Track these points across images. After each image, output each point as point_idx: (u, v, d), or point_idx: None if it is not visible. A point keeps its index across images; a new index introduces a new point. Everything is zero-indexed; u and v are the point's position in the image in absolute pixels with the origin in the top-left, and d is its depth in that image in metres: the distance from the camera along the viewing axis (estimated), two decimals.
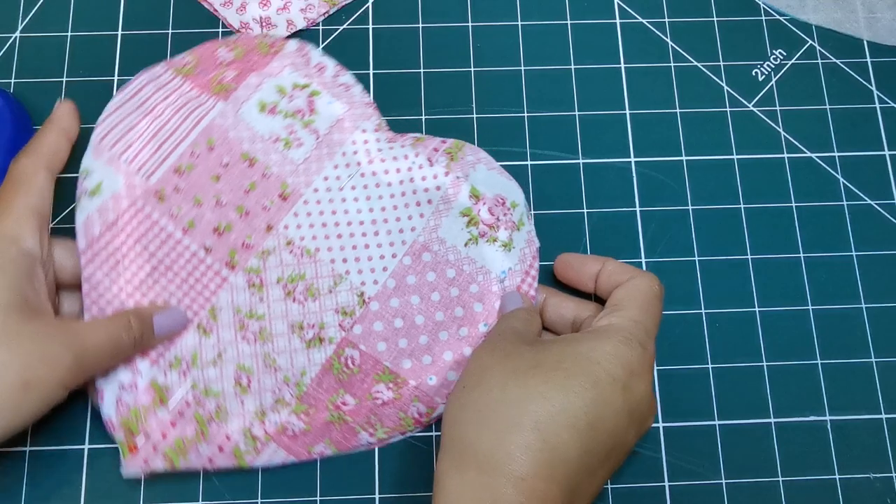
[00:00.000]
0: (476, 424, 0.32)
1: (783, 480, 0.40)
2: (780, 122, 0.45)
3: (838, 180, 0.45)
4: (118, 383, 0.37)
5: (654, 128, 0.45)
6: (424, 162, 0.42)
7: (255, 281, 0.40)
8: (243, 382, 0.39)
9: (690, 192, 0.44)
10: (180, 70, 0.42)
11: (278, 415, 0.39)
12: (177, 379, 0.38)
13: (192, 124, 0.41)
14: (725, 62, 0.46)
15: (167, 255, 0.39)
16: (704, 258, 0.43)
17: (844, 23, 0.48)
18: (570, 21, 0.47)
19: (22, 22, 0.46)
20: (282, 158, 0.41)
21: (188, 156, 0.41)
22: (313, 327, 0.40)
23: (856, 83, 0.46)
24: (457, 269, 0.41)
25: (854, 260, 0.43)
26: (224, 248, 0.40)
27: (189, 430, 0.38)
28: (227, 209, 0.40)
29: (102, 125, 0.40)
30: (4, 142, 0.41)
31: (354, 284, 0.40)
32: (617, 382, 0.32)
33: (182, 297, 0.39)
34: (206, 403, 0.38)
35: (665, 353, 0.41)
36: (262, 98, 0.42)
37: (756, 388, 0.41)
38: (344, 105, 0.43)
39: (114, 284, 0.38)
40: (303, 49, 0.43)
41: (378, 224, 0.41)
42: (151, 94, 0.41)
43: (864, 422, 0.41)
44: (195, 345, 0.39)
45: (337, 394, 0.39)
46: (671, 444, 0.40)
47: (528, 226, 0.41)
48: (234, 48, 0.43)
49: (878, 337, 0.42)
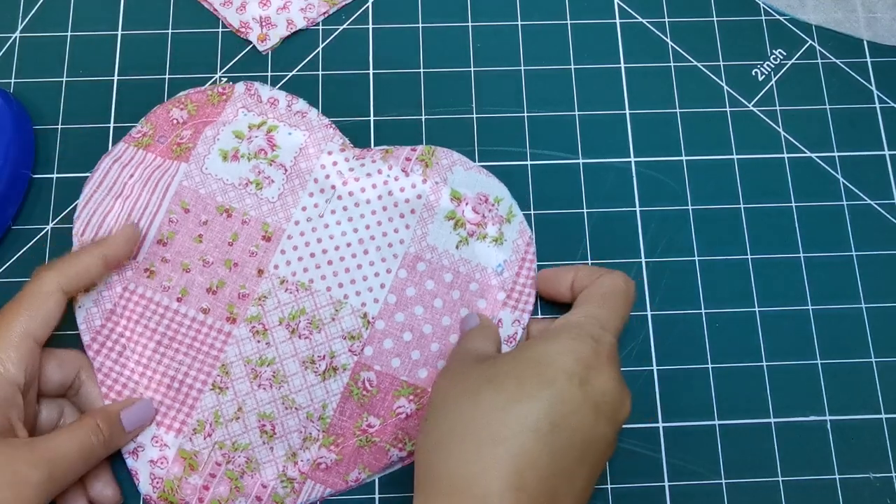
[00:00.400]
0: (438, 451, 0.31)
1: (783, 480, 0.40)
2: (780, 122, 0.45)
3: (838, 180, 0.45)
4: (149, 461, 0.38)
5: (654, 128, 0.45)
6: (399, 173, 0.42)
7: (258, 328, 0.40)
8: (268, 429, 0.39)
9: (690, 192, 0.44)
10: (140, 143, 0.42)
11: (308, 452, 0.39)
12: (202, 442, 0.39)
13: (161, 193, 0.41)
14: (725, 62, 0.46)
15: (168, 327, 0.40)
16: (704, 258, 0.43)
17: (844, 23, 0.48)
18: (570, 21, 0.47)
19: (22, 22, 0.46)
20: (256, 200, 0.42)
21: (167, 224, 0.41)
22: (324, 359, 0.40)
23: (856, 83, 0.46)
24: (453, 273, 0.41)
25: (854, 260, 0.43)
26: (221, 305, 0.40)
27: (223, 488, 0.38)
28: (215, 267, 0.41)
29: (80, 220, 0.41)
30: (4, 142, 0.41)
31: (356, 307, 0.40)
32: (573, 378, 0.31)
33: (191, 363, 0.39)
34: (235, 459, 0.38)
35: (665, 353, 0.41)
36: (221, 147, 0.42)
37: (756, 388, 0.41)
38: (303, 132, 0.43)
39: (125, 369, 0.39)
40: (251, 88, 0.43)
41: (366, 243, 0.41)
42: (118, 176, 0.41)
43: (864, 422, 0.41)
44: (214, 405, 0.39)
45: (361, 418, 0.39)
46: (671, 444, 0.40)
47: (518, 216, 0.42)
48: (185, 106, 0.43)
49: (878, 337, 0.42)
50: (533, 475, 0.30)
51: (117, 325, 0.39)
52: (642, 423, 0.40)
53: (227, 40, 0.46)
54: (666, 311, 0.42)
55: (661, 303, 0.42)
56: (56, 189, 0.43)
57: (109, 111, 0.44)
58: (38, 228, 0.42)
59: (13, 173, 0.41)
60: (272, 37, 0.46)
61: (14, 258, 0.42)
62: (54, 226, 0.42)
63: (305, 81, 0.45)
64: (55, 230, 0.42)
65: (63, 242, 0.42)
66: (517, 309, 0.40)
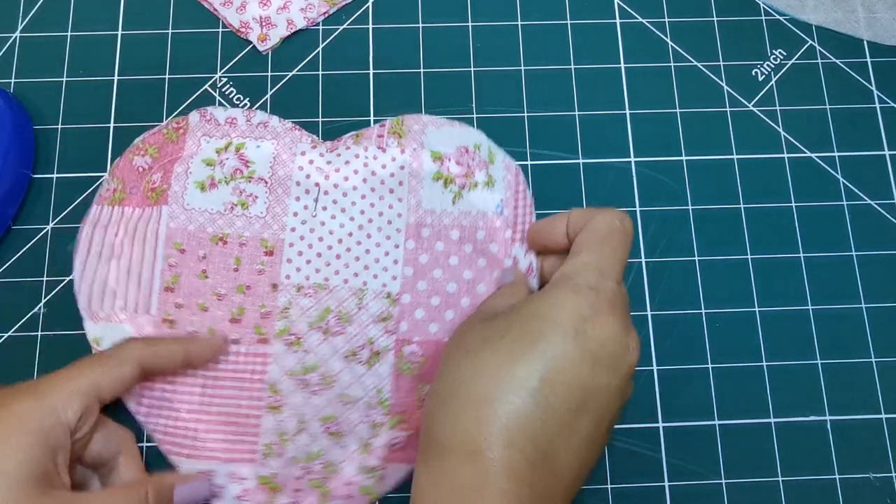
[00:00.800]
0: (437, 413, 0.32)
1: (783, 480, 0.40)
2: (780, 122, 0.45)
3: (838, 180, 0.45)
4: (234, 498, 0.38)
5: (654, 128, 0.45)
6: (376, 151, 0.42)
7: (290, 340, 0.40)
8: (334, 430, 0.39)
9: (690, 192, 0.44)
10: (113, 200, 0.41)
11: (380, 438, 0.39)
12: (277, 464, 0.39)
13: (152, 242, 0.41)
14: (725, 62, 0.46)
15: (207, 369, 0.40)
16: (704, 258, 0.43)
17: (844, 23, 0.48)
18: (570, 21, 0.47)
19: (22, 22, 0.46)
20: (247, 220, 0.41)
21: (168, 270, 0.41)
22: (364, 347, 0.40)
23: (856, 83, 0.46)
24: (458, 228, 0.41)
25: (854, 260, 0.43)
26: (249, 330, 0.40)
27: (311, 499, 0.38)
28: (229, 296, 0.41)
29: (81, 294, 0.40)
30: (4, 142, 0.41)
31: (377, 290, 0.40)
32: (567, 331, 0.31)
33: (240, 394, 0.39)
34: (313, 468, 0.39)
35: (665, 353, 0.41)
36: (196, 179, 0.42)
37: (756, 388, 0.41)
38: (271, 141, 0.42)
39: (178, 422, 0.39)
40: (206, 114, 0.43)
41: (366, 227, 0.41)
42: (103, 239, 0.41)
43: (864, 422, 0.41)
44: (275, 425, 0.39)
45: (419, 389, 0.40)
46: (671, 444, 0.40)
47: (500, 154, 0.42)
48: (146, 151, 0.42)
49: (878, 337, 0.42)
50: (525, 432, 0.30)
51: (156, 382, 0.39)
52: (642, 423, 0.40)
53: (227, 40, 0.46)
54: (666, 311, 0.42)
55: (661, 303, 0.42)
56: (56, 189, 0.43)
57: (109, 111, 0.44)
58: (38, 228, 0.42)
59: (13, 173, 0.41)
60: (272, 37, 0.46)
61: (14, 258, 0.42)
62: (54, 226, 0.42)
63: (305, 81, 0.45)
64: (55, 230, 0.42)
65: (63, 242, 0.42)
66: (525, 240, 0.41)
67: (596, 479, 0.40)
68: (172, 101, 0.45)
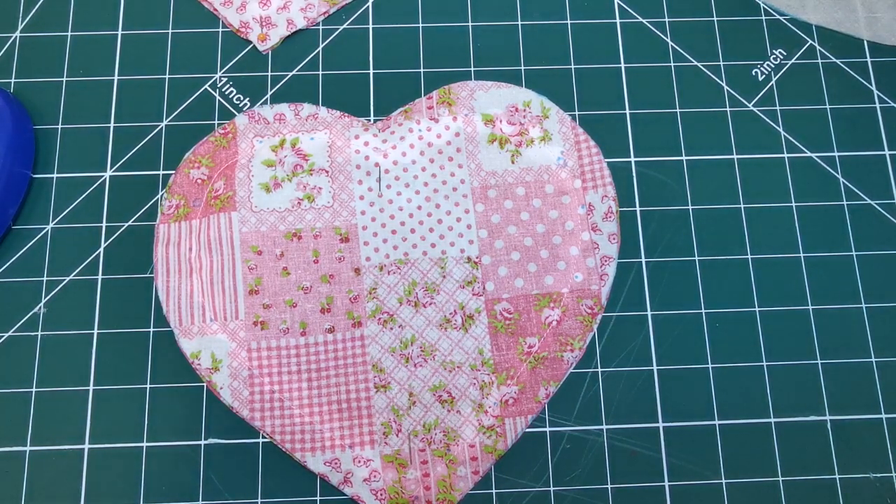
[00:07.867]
0: None
1: (783, 480, 0.40)
2: (780, 121, 0.45)
3: (838, 180, 0.45)
4: (363, 481, 0.39)
5: (654, 128, 0.45)
6: (429, 122, 0.43)
7: (384, 318, 0.41)
8: (445, 398, 0.40)
9: (690, 192, 0.44)
10: (177, 216, 0.42)
11: (491, 397, 0.40)
12: (398, 440, 0.39)
13: (229, 249, 0.41)
14: (725, 62, 0.46)
15: (309, 362, 0.40)
16: (704, 258, 0.43)
17: (844, 23, 0.48)
18: (570, 21, 0.47)
19: (22, 22, 0.46)
20: (316, 213, 0.42)
21: (249, 274, 0.41)
22: (456, 313, 0.41)
23: (856, 83, 0.46)
24: (524, 185, 0.42)
25: (854, 260, 0.43)
26: (341, 317, 0.41)
27: (440, 468, 0.39)
28: (315, 288, 0.41)
29: (171, 313, 0.40)
30: (4, 142, 0.41)
31: (457, 257, 0.42)
32: None
33: (346, 380, 0.40)
34: (433, 437, 0.39)
35: (665, 353, 0.41)
36: (259, 182, 0.42)
37: (756, 388, 0.41)
38: (323, 131, 0.43)
39: (294, 418, 0.39)
40: (253, 115, 0.43)
41: (433, 198, 0.42)
42: (178, 256, 0.41)
43: (864, 422, 0.41)
44: (387, 403, 0.40)
45: (519, 344, 0.41)
46: (671, 444, 0.40)
47: (553, 108, 0.43)
48: (200, 162, 0.42)
49: (878, 337, 0.42)
50: None
51: (263, 385, 0.40)
52: (642, 423, 0.41)
53: (227, 40, 0.46)
54: (666, 311, 0.42)
55: (661, 303, 0.42)
56: (56, 189, 0.43)
57: (109, 111, 0.44)
58: (39, 228, 0.42)
59: (13, 173, 0.41)
60: (272, 37, 0.46)
61: (14, 258, 0.42)
62: (54, 226, 0.42)
63: (305, 81, 0.45)
64: (55, 230, 0.42)
65: (63, 242, 0.42)
66: (598, 186, 0.42)
67: (596, 479, 0.40)
68: (172, 101, 0.45)
